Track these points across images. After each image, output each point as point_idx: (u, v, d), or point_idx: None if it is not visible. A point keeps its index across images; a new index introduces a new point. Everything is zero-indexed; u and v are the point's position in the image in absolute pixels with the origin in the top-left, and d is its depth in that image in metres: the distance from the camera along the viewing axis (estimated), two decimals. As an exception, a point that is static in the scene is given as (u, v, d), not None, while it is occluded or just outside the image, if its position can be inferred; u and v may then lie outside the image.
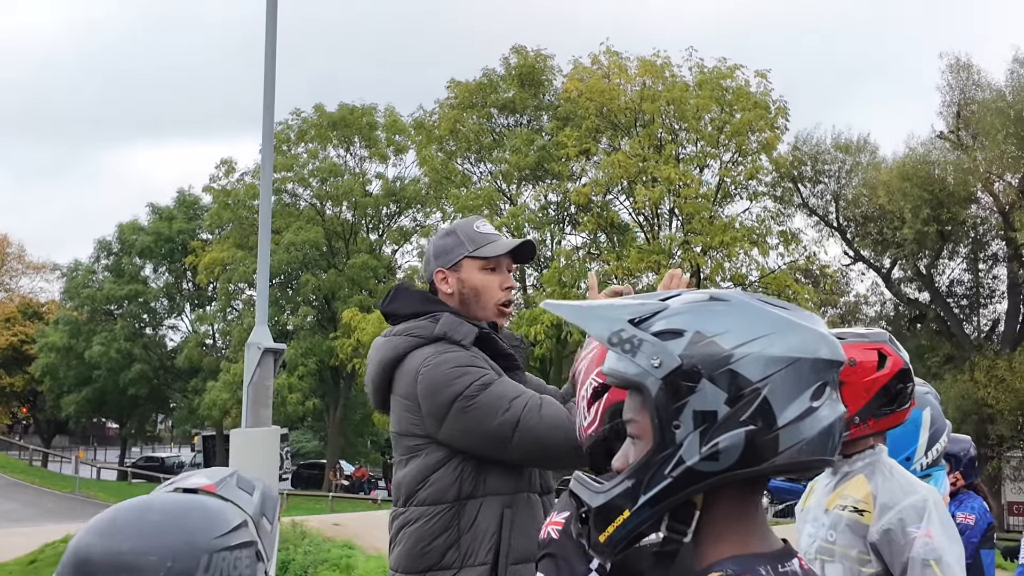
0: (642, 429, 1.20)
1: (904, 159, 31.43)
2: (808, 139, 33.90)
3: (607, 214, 31.54)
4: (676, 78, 31.32)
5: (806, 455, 1.16)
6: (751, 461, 1.14)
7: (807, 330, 1.21)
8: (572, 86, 31.53)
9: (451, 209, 34.99)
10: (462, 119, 33.93)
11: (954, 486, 4.45)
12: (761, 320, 1.19)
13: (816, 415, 1.16)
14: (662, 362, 1.17)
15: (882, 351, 2.57)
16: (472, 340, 2.70)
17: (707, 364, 1.15)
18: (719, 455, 1.14)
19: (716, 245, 29.50)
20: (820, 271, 33.85)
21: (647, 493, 1.17)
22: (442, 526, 2.64)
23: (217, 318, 43.91)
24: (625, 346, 1.19)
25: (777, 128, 30.90)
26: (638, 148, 30.49)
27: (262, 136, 10.17)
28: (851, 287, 37.56)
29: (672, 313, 1.21)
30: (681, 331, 1.18)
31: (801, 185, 33.93)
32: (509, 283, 2.87)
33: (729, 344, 1.16)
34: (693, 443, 1.15)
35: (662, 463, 1.16)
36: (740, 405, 1.14)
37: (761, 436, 1.14)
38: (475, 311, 2.82)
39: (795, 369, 1.16)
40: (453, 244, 2.85)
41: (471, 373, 2.64)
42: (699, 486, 1.16)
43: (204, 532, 1.27)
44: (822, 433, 1.17)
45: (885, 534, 2.44)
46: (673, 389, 1.16)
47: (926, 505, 2.43)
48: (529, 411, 2.57)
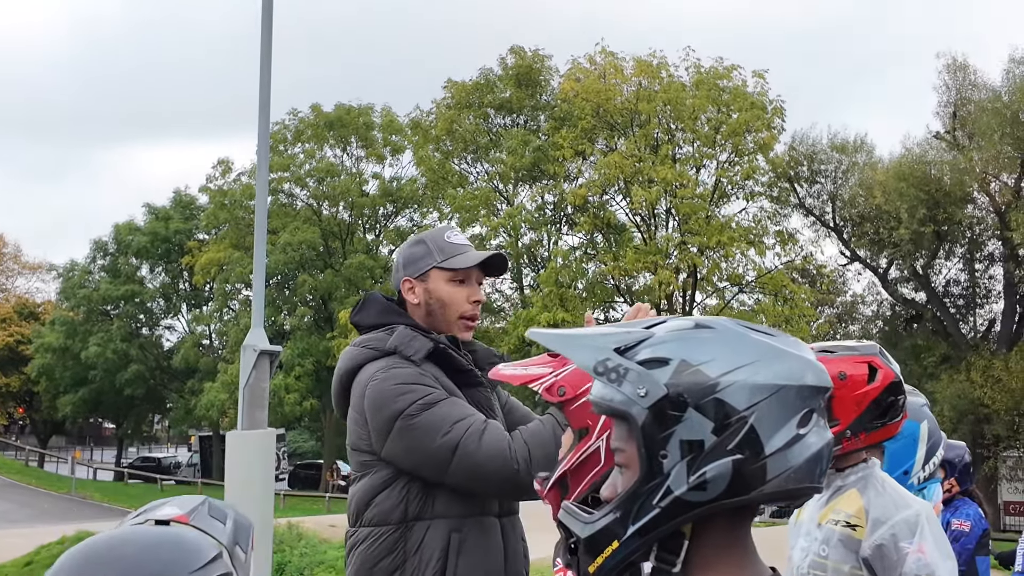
0: (629, 459, 1.19)
1: (900, 159, 31.45)
2: (804, 139, 33.95)
3: (604, 214, 31.56)
4: (673, 78, 31.36)
5: (794, 483, 1.16)
6: (739, 490, 1.14)
7: (793, 357, 1.20)
8: (568, 86, 31.55)
9: (448, 209, 35.00)
10: (459, 119, 33.93)
11: (949, 492, 4.45)
12: (746, 348, 1.19)
13: (803, 442, 1.16)
14: (648, 391, 1.16)
15: (872, 364, 2.56)
16: (424, 355, 2.62)
17: (693, 393, 1.15)
18: (707, 484, 1.13)
19: (713, 245, 29.52)
20: (817, 271, 33.92)
21: (635, 523, 1.17)
22: (387, 548, 2.57)
23: (214, 318, 43.88)
24: (611, 375, 1.19)
25: (774, 128, 30.95)
26: (634, 148, 30.52)
27: (258, 136, 10.14)
28: (848, 287, 37.63)
29: (657, 341, 1.20)
30: (667, 359, 1.18)
31: (798, 185, 33.95)
32: (477, 296, 2.79)
33: (715, 372, 1.16)
34: (680, 473, 1.14)
35: (650, 493, 1.16)
36: (727, 434, 1.14)
37: (748, 465, 1.13)
38: (439, 323, 2.75)
39: (781, 397, 1.16)
40: (422, 253, 2.79)
41: (415, 391, 2.55)
42: (687, 516, 1.15)
43: (179, 566, 1.24)
44: (810, 460, 1.17)
45: (877, 549, 2.43)
46: (659, 418, 1.15)
47: (919, 520, 2.42)
48: (469, 436, 2.48)
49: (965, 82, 31.34)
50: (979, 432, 28.50)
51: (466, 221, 33.28)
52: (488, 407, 2.71)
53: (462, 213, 33.14)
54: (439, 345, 2.65)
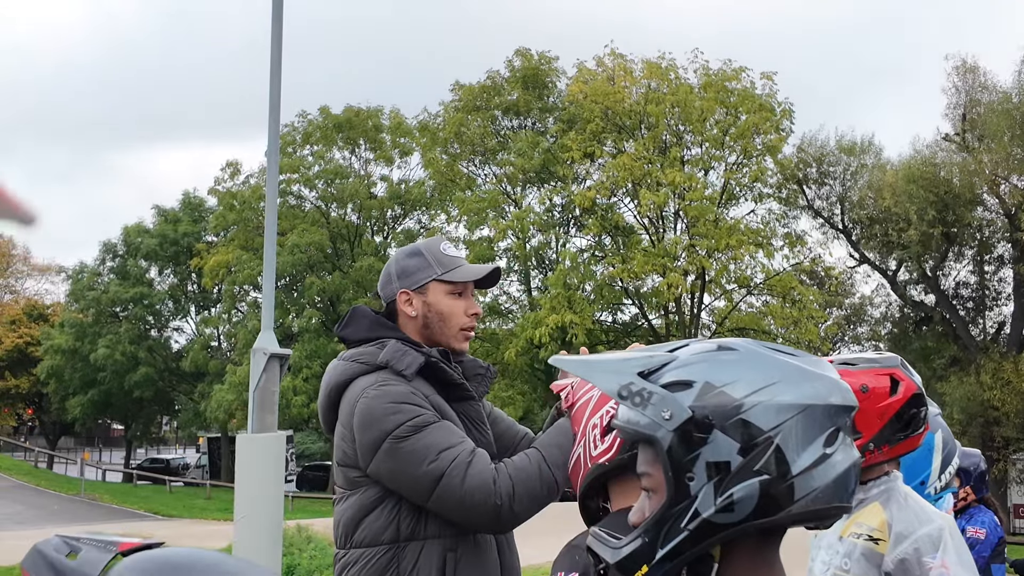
0: (656, 483, 1.19)
1: (910, 161, 31.39)
2: (813, 141, 33.89)
3: (612, 217, 31.54)
4: (681, 80, 31.32)
5: (822, 503, 1.16)
6: (767, 511, 1.14)
7: (817, 376, 1.20)
8: (577, 89, 31.54)
9: (456, 212, 35.01)
10: (467, 122, 33.94)
11: (964, 500, 4.44)
12: (770, 368, 1.19)
13: (830, 461, 1.16)
14: (673, 414, 1.16)
15: (894, 376, 2.55)
16: (415, 370, 2.57)
17: (718, 414, 1.15)
18: (734, 506, 1.13)
19: (721, 248, 29.48)
20: (825, 273, 33.85)
21: (664, 547, 1.17)
22: (379, 570, 2.52)
23: (222, 320, 43.94)
24: (635, 399, 1.19)
25: (783, 130, 30.91)
26: (643, 151, 30.49)
27: (268, 139, 10.15)
28: (856, 289, 37.59)
29: (681, 364, 1.20)
30: (690, 382, 1.18)
31: (806, 187, 33.90)
32: (474, 309, 2.77)
33: (739, 393, 1.16)
34: (708, 495, 1.14)
35: (678, 516, 1.16)
36: (753, 455, 1.14)
37: (776, 485, 1.13)
38: (437, 336, 2.72)
39: (807, 416, 1.16)
40: (420, 265, 2.74)
41: (405, 412, 2.50)
42: (716, 538, 1.15)
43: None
44: (837, 480, 1.16)
45: (900, 564, 2.42)
46: (685, 441, 1.15)
47: (942, 535, 2.41)
48: (455, 467, 2.43)
49: (975, 84, 31.27)
50: (988, 435, 28.42)
51: (474, 223, 33.30)
52: (479, 421, 2.68)
53: (470, 215, 33.14)
54: (430, 359, 2.61)
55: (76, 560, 1.46)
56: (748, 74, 31.03)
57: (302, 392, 35.91)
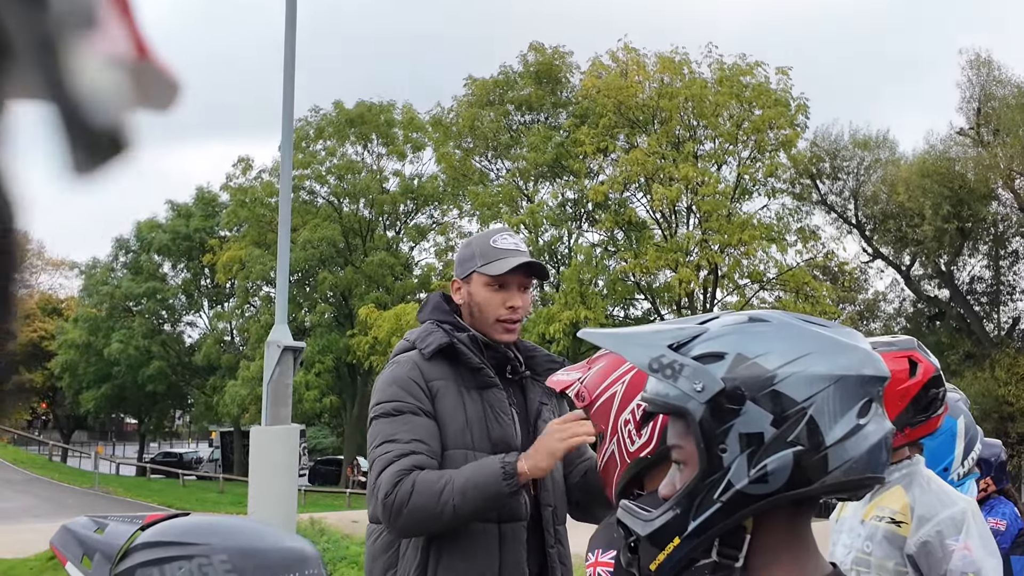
0: (687, 455, 1.18)
1: (924, 155, 31.28)
2: (827, 135, 33.78)
3: (624, 212, 31.49)
4: (695, 75, 31.25)
5: (856, 473, 1.15)
6: (800, 482, 1.13)
7: (849, 347, 1.20)
8: (590, 83, 31.48)
9: (468, 207, 35.01)
10: (479, 116, 33.93)
11: (984, 492, 4.41)
12: (802, 339, 1.18)
13: (864, 432, 1.15)
14: (705, 386, 1.15)
15: (912, 358, 2.54)
16: (434, 349, 2.68)
17: (750, 386, 1.14)
18: (768, 477, 1.12)
19: (734, 243, 29.40)
20: (839, 268, 33.73)
21: (696, 519, 1.16)
22: (383, 547, 2.69)
23: (235, 315, 44.06)
24: (666, 371, 1.18)
25: (797, 125, 30.79)
26: (656, 145, 30.43)
27: (282, 135, 10.17)
28: (870, 284, 37.44)
29: (712, 336, 1.19)
30: (722, 354, 1.17)
31: (820, 182, 33.79)
32: (513, 302, 2.79)
33: (772, 365, 1.15)
34: (741, 466, 1.13)
35: (710, 488, 1.15)
36: (786, 426, 1.13)
37: (809, 456, 1.13)
38: (479, 325, 2.81)
39: (840, 387, 1.15)
40: (467, 256, 2.86)
41: (388, 394, 2.67)
42: (749, 510, 1.14)
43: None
44: (871, 450, 1.16)
45: (923, 547, 2.42)
46: (717, 413, 1.15)
47: (965, 517, 2.41)
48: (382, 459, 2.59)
49: (989, 78, 31.12)
50: (1003, 430, 28.29)
51: (487, 218, 33.29)
52: (500, 410, 2.72)
53: (483, 210, 33.15)
54: (454, 342, 2.70)
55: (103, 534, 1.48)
56: (763, 69, 30.94)
57: (314, 387, 36.00)
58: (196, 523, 1.42)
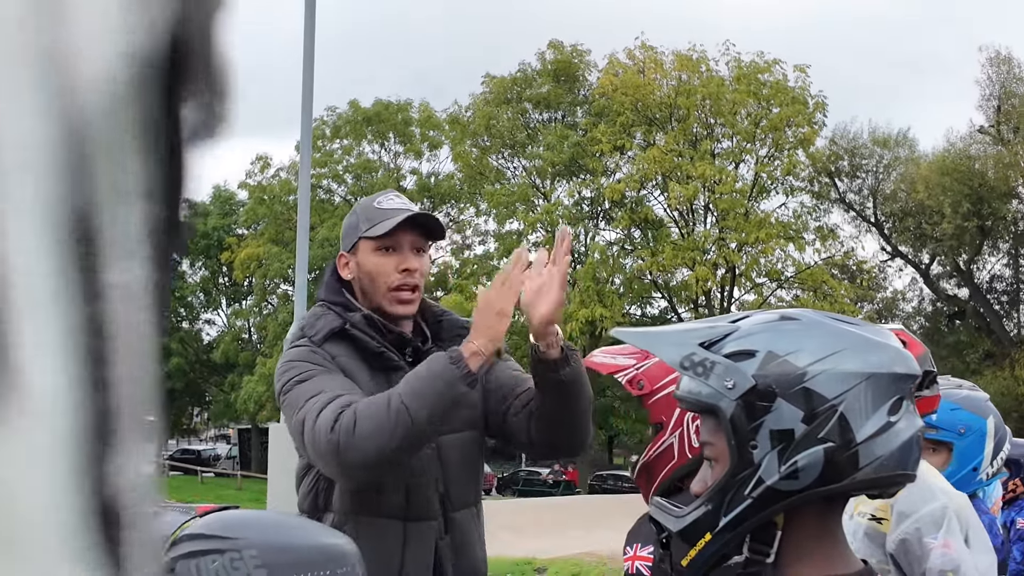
0: (719, 452, 1.20)
1: (943, 154, 31.12)
2: (845, 133, 33.65)
3: (641, 210, 31.45)
4: (712, 73, 31.18)
5: (887, 471, 1.16)
6: (831, 478, 1.14)
7: (880, 345, 1.21)
8: (607, 81, 31.46)
9: (485, 205, 35.04)
10: (497, 114, 33.94)
11: (1013, 492, 4.39)
12: (833, 337, 1.19)
13: (894, 429, 1.16)
14: (736, 383, 1.17)
15: (901, 337, 2.52)
16: (323, 336, 2.40)
17: (781, 383, 1.15)
18: (799, 473, 1.14)
19: (751, 241, 29.33)
20: (857, 267, 33.59)
21: (728, 515, 1.17)
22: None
23: (253, 313, 44.24)
24: (698, 369, 1.19)
25: (815, 123, 30.69)
26: (673, 143, 30.38)
27: (300, 134, 10.23)
28: (889, 283, 37.26)
29: (743, 334, 1.21)
30: (753, 352, 1.18)
31: (838, 180, 33.66)
32: (406, 264, 2.42)
33: (802, 362, 1.16)
34: (772, 462, 1.14)
35: (741, 484, 1.16)
36: (817, 423, 1.14)
37: (840, 453, 1.14)
38: (372, 299, 2.45)
39: (871, 384, 1.16)
40: (352, 224, 2.51)
41: (293, 369, 2.36)
42: (780, 506, 1.16)
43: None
44: (902, 447, 1.17)
45: (901, 544, 2.36)
46: (748, 410, 1.16)
47: (945, 513, 2.34)
48: (311, 412, 2.24)
49: (1009, 75, 30.93)
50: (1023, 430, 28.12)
51: (503, 217, 33.32)
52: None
53: (499, 209, 33.17)
54: (347, 327, 2.40)
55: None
56: (781, 66, 30.86)
57: (332, 384, 36.12)
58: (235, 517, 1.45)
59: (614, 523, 15.85)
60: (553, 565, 11.93)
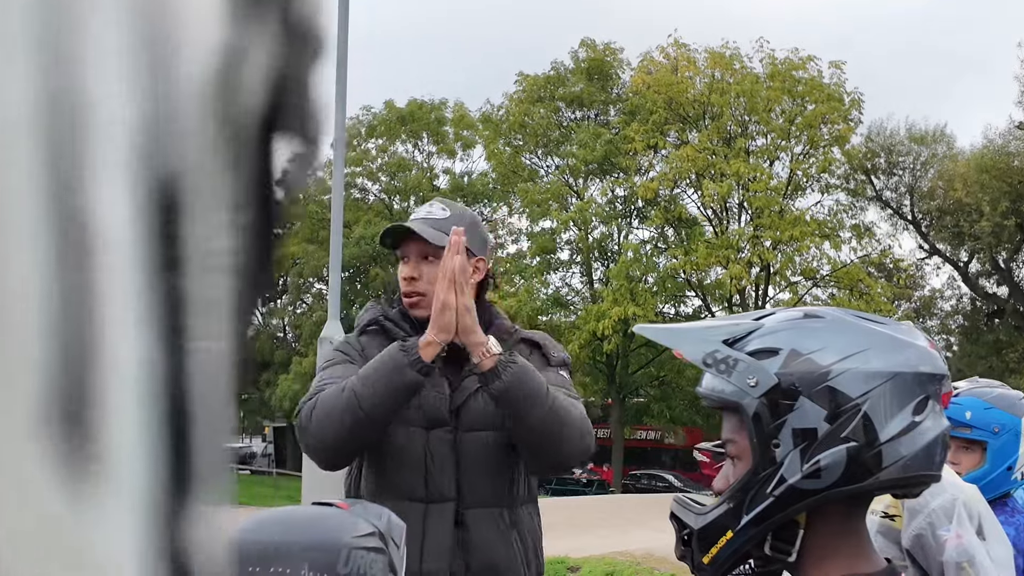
0: (741, 450, 1.20)
1: (982, 150, 30.75)
2: (882, 130, 33.32)
3: (675, 208, 31.33)
4: (746, 70, 30.99)
5: (912, 470, 1.15)
6: (854, 478, 1.14)
7: (906, 344, 1.20)
8: (640, 79, 31.37)
9: (518, 204, 35.05)
10: (530, 113, 33.96)
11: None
12: (858, 336, 1.19)
13: (919, 429, 1.16)
14: (759, 381, 1.16)
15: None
16: (360, 328, 2.58)
17: (805, 381, 1.15)
18: (821, 472, 1.13)
19: (786, 239, 29.11)
20: (894, 265, 33.25)
21: (749, 513, 1.17)
22: None
23: (288, 311, 44.59)
24: (720, 367, 1.19)
25: (851, 120, 30.41)
26: (707, 141, 30.23)
27: (334, 132, 10.28)
28: (926, 281, 36.86)
29: (766, 332, 1.20)
30: (776, 349, 1.18)
31: (875, 177, 33.35)
32: (407, 273, 2.54)
33: (826, 361, 1.16)
34: (794, 461, 1.14)
35: (763, 482, 1.16)
36: (840, 422, 1.14)
37: (863, 452, 1.13)
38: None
39: (896, 384, 1.16)
40: None
41: (324, 358, 2.61)
42: (801, 504, 1.15)
43: (342, 531, 1.39)
44: (927, 447, 1.16)
45: (916, 539, 2.39)
46: (771, 408, 1.16)
47: (955, 506, 2.36)
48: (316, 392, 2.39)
49: (1050, 71, 30.47)
50: (1064, 431, 27.71)
51: (536, 215, 33.32)
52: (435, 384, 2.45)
53: (532, 208, 33.18)
54: (380, 318, 2.57)
55: None
56: (816, 63, 30.61)
57: (366, 382, 36.31)
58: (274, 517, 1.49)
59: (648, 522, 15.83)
60: (586, 564, 11.92)
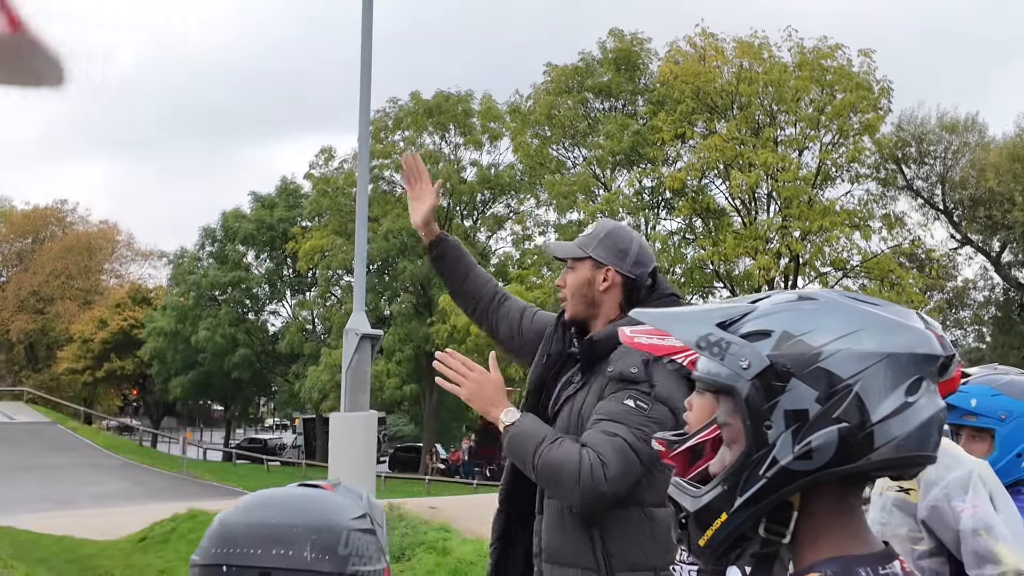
0: (735, 433, 1.20)
1: (1014, 139, 30.37)
2: (912, 119, 32.98)
3: (702, 199, 31.18)
4: (774, 59, 30.75)
5: (905, 451, 1.15)
6: (846, 459, 1.13)
7: (899, 325, 1.20)
8: (667, 69, 31.22)
9: (545, 195, 35.00)
10: (557, 104, 33.89)
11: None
12: (850, 317, 1.18)
13: (912, 410, 1.15)
14: (751, 363, 1.16)
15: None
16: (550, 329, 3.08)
17: (796, 363, 1.15)
18: (812, 453, 1.13)
19: (815, 229, 28.89)
20: (926, 255, 32.94)
21: (743, 495, 1.17)
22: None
23: (317, 304, 44.76)
24: (713, 349, 1.19)
25: (880, 109, 30.09)
26: (735, 131, 30.04)
27: (359, 125, 10.32)
28: (958, 271, 36.50)
29: (760, 314, 1.21)
30: (769, 331, 1.18)
31: (905, 167, 33.03)
32: (558, 281, 3.08)
33: (818, 342, 1.16)
34: (786, 442, 1.14)
35: (756, 464, 1.16)
36: (832, 402, 1.13)
37: (855, 433, 1.13)
38: None
39: (888, 364, 1.15)
40: None
41: None
42: (794, 486, 1.15)
43: (341, 513, 1.44)
44: (920, 428, 1.15)
45: (933, 510, 2.48)
46: (763, 390, 1.16)
47: (971, 478, 2.46)
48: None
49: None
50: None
51: (563, 207, 33.27)
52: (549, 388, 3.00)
53: (559, 199, 33.13)
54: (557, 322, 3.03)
55: None
56: (844, 51, 30.32)
57: (395, 375, 36.42)
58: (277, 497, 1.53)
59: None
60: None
